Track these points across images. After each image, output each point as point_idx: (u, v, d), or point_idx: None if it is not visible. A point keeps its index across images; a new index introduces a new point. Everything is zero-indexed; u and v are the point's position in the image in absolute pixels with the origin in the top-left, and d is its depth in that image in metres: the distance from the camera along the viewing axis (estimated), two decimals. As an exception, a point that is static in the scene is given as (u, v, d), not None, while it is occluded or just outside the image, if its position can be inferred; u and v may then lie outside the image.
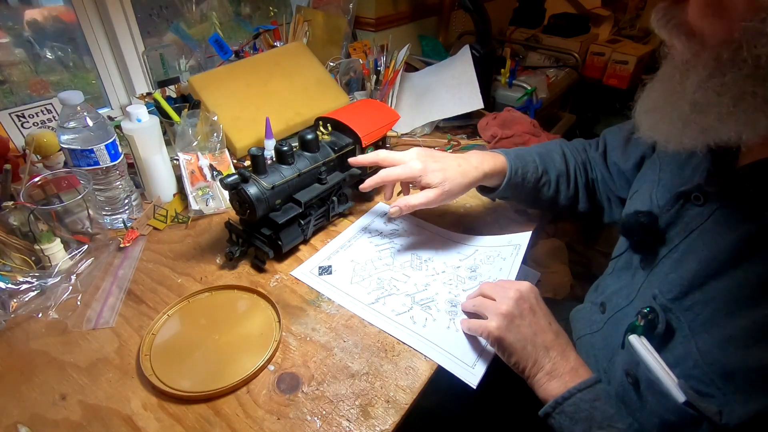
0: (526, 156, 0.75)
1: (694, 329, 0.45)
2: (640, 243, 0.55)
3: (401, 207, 0.70)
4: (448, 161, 0.70)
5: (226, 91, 0.99)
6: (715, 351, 0.42)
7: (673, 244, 0.51)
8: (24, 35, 0.97)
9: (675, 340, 0.46)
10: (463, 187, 0.70)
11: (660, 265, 0.52)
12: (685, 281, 0.47)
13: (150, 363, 0.56)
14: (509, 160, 0.73)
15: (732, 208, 0.46)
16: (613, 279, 0.64)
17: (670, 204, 0.52)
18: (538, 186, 0.75)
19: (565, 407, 0.51)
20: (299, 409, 0.52)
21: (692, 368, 0.44)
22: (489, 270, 0.71)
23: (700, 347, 0.44)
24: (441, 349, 0.59)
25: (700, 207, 0.49)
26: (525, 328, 0.55)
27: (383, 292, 0.67)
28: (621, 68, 1.82)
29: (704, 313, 0.44)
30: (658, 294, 0.49)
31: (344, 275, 0.70)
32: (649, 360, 0.46)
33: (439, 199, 0.69)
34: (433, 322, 0.63)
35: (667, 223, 0.52)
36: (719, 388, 0.42)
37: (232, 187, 0.65)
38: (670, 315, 0.47)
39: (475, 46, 1.20)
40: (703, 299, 0.45)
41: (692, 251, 0.48)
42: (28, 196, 0.68)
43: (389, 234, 0.79)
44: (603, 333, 0.60)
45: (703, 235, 0.48)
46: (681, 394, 0.42)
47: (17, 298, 0.63)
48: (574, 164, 0.78)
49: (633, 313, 0.54)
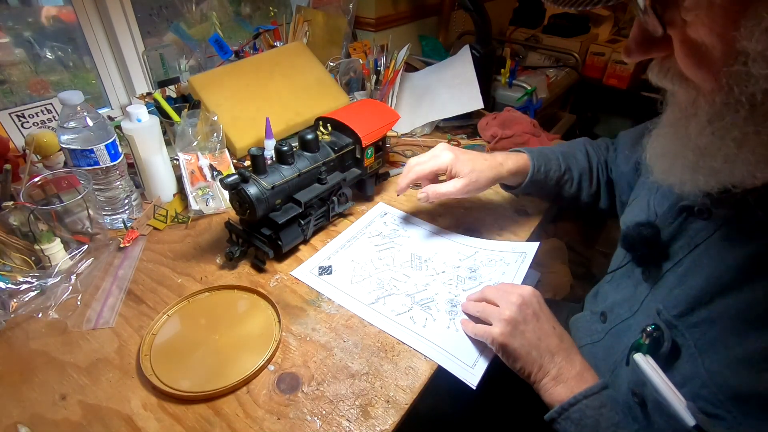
0: (549, 154, 0.77)
1: (700, 348, 0.44)
2: (642, 257, 0.55)
3: (429, 194, 0.72)
4: (475, 155, 0.73)
5: (226, 91, 0.99)
6: (725, 372, 0.41)
7: (677, 258, 0.50)
8: (24, 35, 0.97)
9: (681, 359, 0.45)
10: (489, 180, 0.72)
11: (664, 279, 0.51)
12: (690, 297, 0.45)
13: (150, 363, 0.56)
14: (532, 158, 0.75)
15: (740, 224, 0.44)
16: (613, 288, 0.63)
17: (672, 217, 0.51)
18: (560, 183, 0.76)
19: (571, 413, 0.50)
20: (299, 409, 0.52)
21: (700, 388, 0.43)
22: (490, 272, 0.71)
23: (707, 367, 0.43)
24: (441, 349, 0.59)
25: (705, 221, 0.47)
26: (529, 334, 0.54)
27: (383, 292, 0.67)
28: (621, 68, 1.82)
29: (711, 332, 0.43)
30: (662, 309, 0.48)
31: (344, 275, 0.70)
32: (656, 380, 0.45)
33: (467, 189, 0.71)
34: (433, 322, 0.63)
35: (670, 236, 0.51)
36: (729, 411, 0.41)
37: (232, 187, 0.65)
38: (675, 332, 0.46)
39: (475, 46, 1.20)
40: (709, 317, 0.44)
41: (698, 266, 0.47)
42: (28, 196, 0.68)
43: (389, 234, 0.79)
44: (604, 344, 0.60)
45: (709, 250, 0.46)
46: (690, 418, 0.41)
47: (17, 298, 0.63)
48: (597, 162, 0.79)
49: (636, 325, 0.54)
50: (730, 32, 0.32)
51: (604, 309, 0.62)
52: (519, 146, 1.05)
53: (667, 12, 0.36)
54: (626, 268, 0.61)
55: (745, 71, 0.33)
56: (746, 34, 0.32)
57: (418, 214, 0.85)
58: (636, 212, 0.60)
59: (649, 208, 0.57)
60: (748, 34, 0.32)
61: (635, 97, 1.86)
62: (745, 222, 0.44)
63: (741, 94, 0.34)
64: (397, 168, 0.98)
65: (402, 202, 0.89)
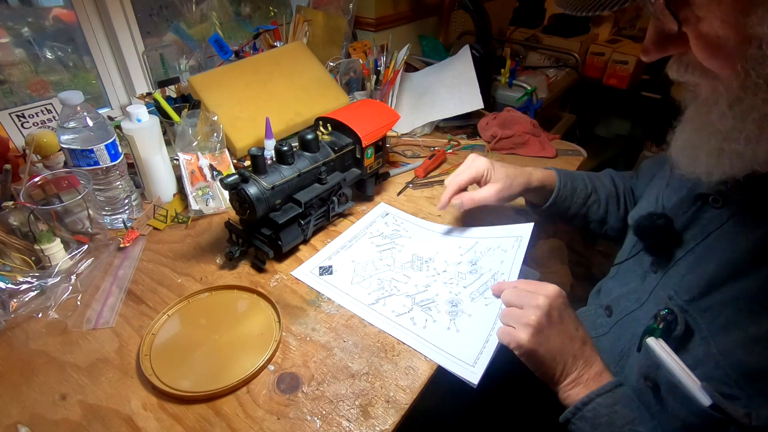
0: (576, 175, 0.78)
1: (712, 330, 0.45)
2: (655, 245, 0.55)
3: (464, 200, 0.72)
4: (506, 164, 0.74)
5: (226, 91, 0.99)
6: (738, 352, 0.42)
7: (689, 246, 0.51)
8: (24, 35, 0.97)
9: (693, 342, 0.46)
10: (522, 186, 0.73)
11: (675, 267, 0.52)
12: (703, 282, 0.47)
13: (150, 363, 0.56)
14: (558, 174, 0.76)
15: (752, 210, 0.46)
16: (617, 283, 0.64)
17: (686, 206, 0.52)
18: (587, 203, 0.76)
19: (585, 412, 0.50)
20: (299, 409, 0.52)
21: (713, 369, 0.44)
22: (490, 262, 0.70)
23: (720, 348, 0.44)
24: (441, 350, 0.59)
25: (719, 209, 0.49)
26: (554, 338, 0.53)
27: (384, 293, 0.67)
28: (621, 68, 1.82)
29: (723, 315, 0.44)
30: (674, 295, 0.49)
31: (345, 275, 0.70)
32: (670, 363, 0.45)
33: (501, 195, 0.71)
34: (433, 324, 0.62)
35: (683, 225, 0.52)
36: (743, 390, 0.41)
37: (232, 187, 0.65)
38: (686, 316, 0.47)
39: (475, 46, 1.20)
40: (721, 300, 0.45)
41: (710, 253, 0.48)
42: (28, 196, 0.68)
43: (390, 235, 0.79)
44: (610, 337, 0.60)
45: (721, 238, 0.48)
46: (706, 398, 0.42)
47: (17, 298, 0.63)
48: (623, 188, 0.79)
49: (644, 316, 0.54)
50: (742, 20, 0.35)
51: (609, 303, 0.62)
52: (519, 146, 1.06)
53: (681, 11, 0.38)
54: (632, 261, 0.61)
55: (760, 54, 0.35)
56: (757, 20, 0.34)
57: (419, 214, 0.85)
58: (644, 206, 0.61)
59: (658, 202, 0.58)
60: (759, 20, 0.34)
61: (635, 97, 1.86)
62: (757, 208, 0.45)
63: (758, 77, 0.36)
64: (398, 168, 0.98)
65: (403, 202, 0.89)
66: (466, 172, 0.74)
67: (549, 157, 1.04)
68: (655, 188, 0.61)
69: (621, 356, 0.57)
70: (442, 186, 0.93)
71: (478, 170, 0.73)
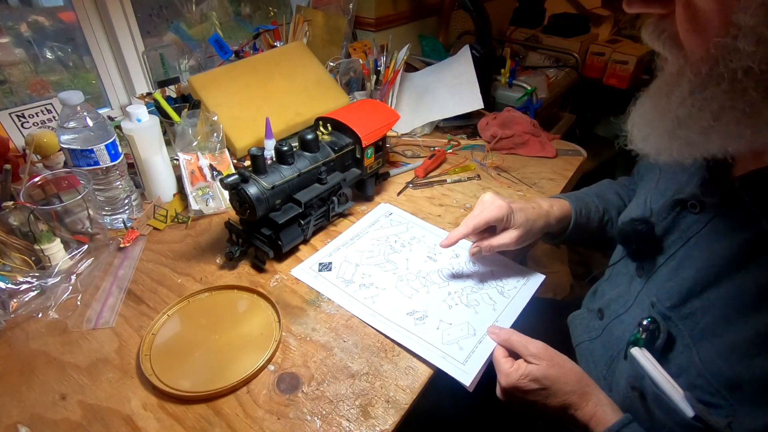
0: (585, 197, 0.75)
1: (694, 337, 0.45)
2: (637, 251, 0.55)
3: (483, 247, 0.68)
4: (523, 204, 0.69)
5: (226, 91, 0.99)
6: (718, 360, 0.42)
7: (670, 252, 0.51)
8: (24, 35, 0.97)
9: (676, 350, 0.46)
10: (540, 228, 0.68)
11: (658, 273, 0.52)
12: (683, 289, 0.47)
13: (150, 363, 0.56)
14: (571, 202, 0.72)
15: (729, 216, 0.46)
16: (610, 285, 0.64)
17: (666, 211, 0.52)
18: (602, 224, 0.74)
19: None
20: (299, 409, 0.52)
21: (696, 378, 0.43)
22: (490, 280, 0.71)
23: (702, 356, 0.43)
24: (432, 346, 0.59)
25: (697, 215, 0.49)
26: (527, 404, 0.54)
27: (383, 292, 0.67)
28: (621, 68, 1.82)
29: (704, 321, 0.44)
30: (656, 302, 0.49)
31: (344, 273, 0.70)
32: (654, 373, 0.45)
33: (520, 240, 0.67)
34: (426, 319, 0.63)
35: (664, 230, 0.52)
36: (725, 399, 0.41)
37: (232, 187, 0.65)
38: (669, 323, 0.47)
39: (475, 46, 1.20)
40: (701, 307, 0.45)
41: (690, 259, 0.48)
42: (28, 196, 0.68)
43: (392, 234, 0.79)
44: (601, 340, 0.60)
45: (700, 243, 0.48)
46: (689, 409, 0.42)
47: (17, 298, 0.63)
48: (627, 198, 0.77)
49: (630, 320, 0.54)
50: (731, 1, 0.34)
51: (601, 306, 0.62)
52: (519, 146, 1.06)
53: None
54: (622, 263, 0.61)
55: (733, 45, 0.34)
56: (744, 6, 0.33)
57: (419, 214, 0.85)
58: (633, 209, 0.61)
59: (646, 204, 0.57)
60: (746, 6, 0.33)
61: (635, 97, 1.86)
62: (733, 212, 0.45)
63: (725, 69, 0.35)
64: (398, 168, 0.98)
65: (403, 202, 0.89)
66: (483, 214, 0.67)
67: (549, 157, 1.04)
68: (644, 190, 0.61)
69: (611, 360, 0.57)
70: (442, 186, 0.94)
71: (497, 216, 0.66)
